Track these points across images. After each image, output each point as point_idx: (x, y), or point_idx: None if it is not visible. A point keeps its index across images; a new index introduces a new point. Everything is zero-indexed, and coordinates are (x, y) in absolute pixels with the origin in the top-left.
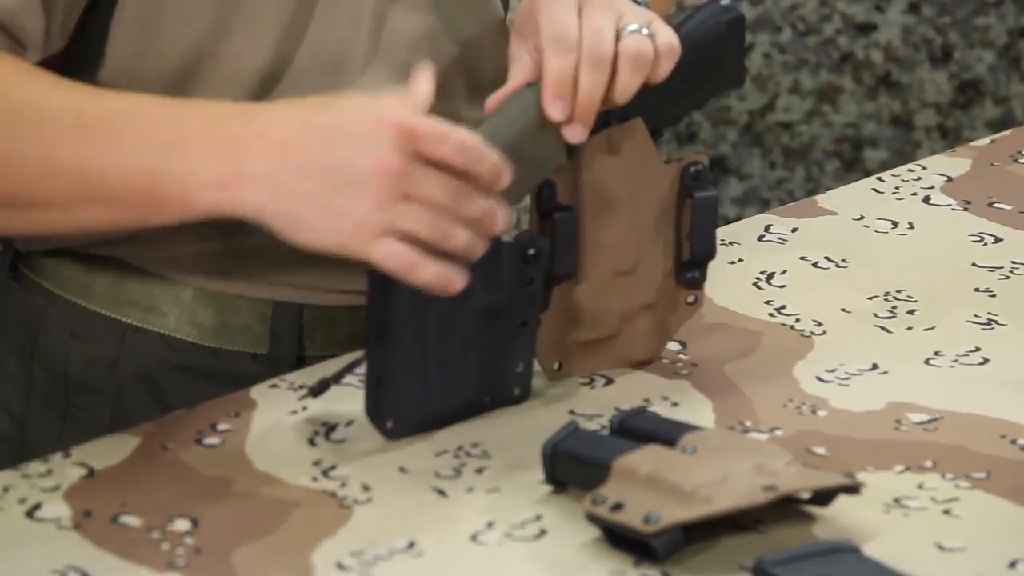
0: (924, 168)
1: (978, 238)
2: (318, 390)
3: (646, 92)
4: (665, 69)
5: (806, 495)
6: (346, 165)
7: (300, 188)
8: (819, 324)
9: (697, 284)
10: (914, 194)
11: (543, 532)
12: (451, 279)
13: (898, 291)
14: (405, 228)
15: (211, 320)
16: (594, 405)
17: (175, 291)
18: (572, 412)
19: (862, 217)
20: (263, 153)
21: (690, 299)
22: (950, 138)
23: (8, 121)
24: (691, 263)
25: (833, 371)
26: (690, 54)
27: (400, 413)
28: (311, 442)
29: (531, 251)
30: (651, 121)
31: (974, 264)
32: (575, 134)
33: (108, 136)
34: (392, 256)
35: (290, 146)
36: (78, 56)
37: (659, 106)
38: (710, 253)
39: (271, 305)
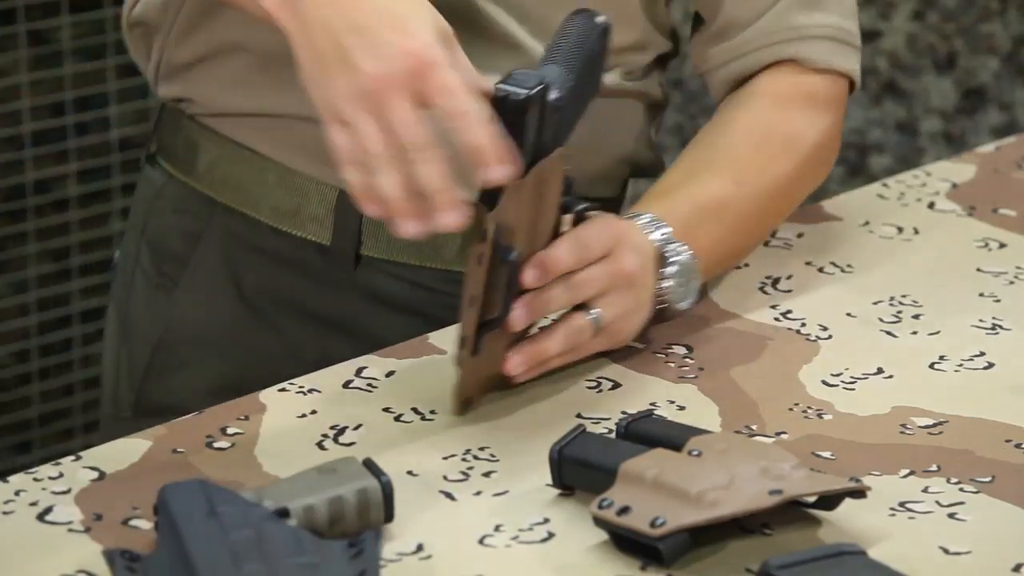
0: (929, 174)
1: (983, 243)
2: None
3: (558, 123)
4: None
5: (812, 499)
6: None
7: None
8: (825, 328)
9: None
10: (919, 200)
11: (550, 535)
12: (376, 198)
13: (903, 296)
14: (363, 124)
15: (288, 204)
16: (601, 409)
17: (261, 173)
18: (579, 416)
19: (867, 222)
20: None
21: None
22: (955, 144)
23: None
24: None
25: (839, 375)
26: (584, 70)
27: None
28: (320, 445)
29: None
30: (559, 144)
31: (979, 269)
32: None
33: None
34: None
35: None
36: None
37: (567, 130)
38: None
39: (336, 192)
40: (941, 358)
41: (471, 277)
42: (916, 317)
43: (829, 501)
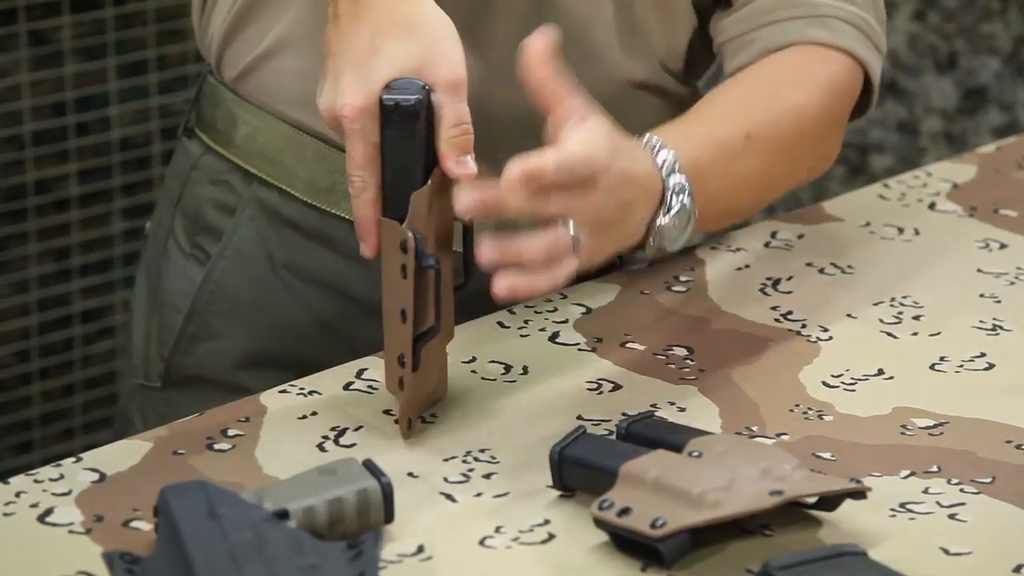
0: (930, 175)
1: (983, 244)
2: None
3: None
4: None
5: (812, 500)
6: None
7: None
8: (825, 330)
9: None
10: (920, 200)
11: (551, 537)
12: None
13: (904, 297)
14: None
15: (323, 180)
16: (601, 410)
17: (298, 148)
18: (579, 417)
19: (868, 223)
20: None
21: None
22: (956, 145)
23: None
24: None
25: (839, 376)
26: None
27: None
28: (321, 447)
29: None
30: None
31: (979, 270)
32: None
33: None
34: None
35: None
36: None
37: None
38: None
39: None
40: (942, 359)
41: (398, 292)
42: (917, 318)
43: (829, 502)
